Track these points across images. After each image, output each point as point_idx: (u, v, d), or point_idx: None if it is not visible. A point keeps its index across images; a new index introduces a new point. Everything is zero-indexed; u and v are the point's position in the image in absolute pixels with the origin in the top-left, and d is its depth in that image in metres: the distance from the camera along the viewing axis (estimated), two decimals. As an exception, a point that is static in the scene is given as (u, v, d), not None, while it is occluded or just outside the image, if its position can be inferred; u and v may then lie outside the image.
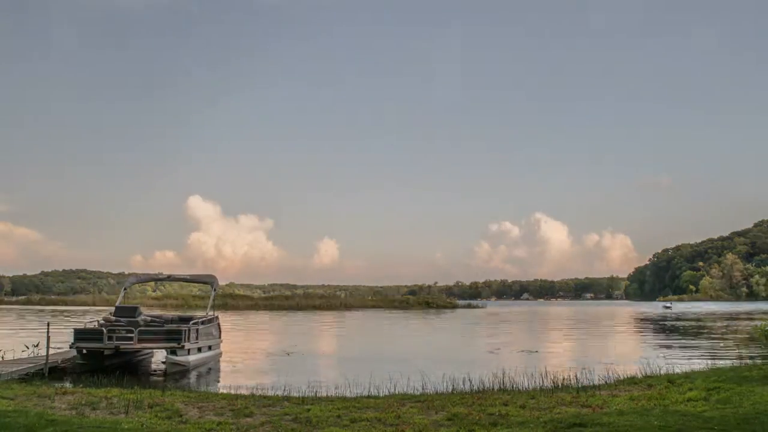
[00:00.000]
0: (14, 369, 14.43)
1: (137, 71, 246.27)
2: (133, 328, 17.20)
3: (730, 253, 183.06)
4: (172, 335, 17.40)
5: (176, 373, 16.63)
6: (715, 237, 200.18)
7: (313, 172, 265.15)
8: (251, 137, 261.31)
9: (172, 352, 17.20)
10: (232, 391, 11.89)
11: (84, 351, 16.95)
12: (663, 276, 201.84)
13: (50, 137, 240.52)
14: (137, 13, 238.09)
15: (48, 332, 15.45)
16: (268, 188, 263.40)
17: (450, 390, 11.48)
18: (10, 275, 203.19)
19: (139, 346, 17.37)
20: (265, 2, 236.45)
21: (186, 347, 17.31)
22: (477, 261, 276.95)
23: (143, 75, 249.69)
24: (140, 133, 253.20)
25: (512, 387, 11.65)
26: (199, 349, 18.54)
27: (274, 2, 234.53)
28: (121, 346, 17.04)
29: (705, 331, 37.30)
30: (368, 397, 10.69)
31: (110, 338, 16.94)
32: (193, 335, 17.93)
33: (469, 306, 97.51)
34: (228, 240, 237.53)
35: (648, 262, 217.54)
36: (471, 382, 11.97)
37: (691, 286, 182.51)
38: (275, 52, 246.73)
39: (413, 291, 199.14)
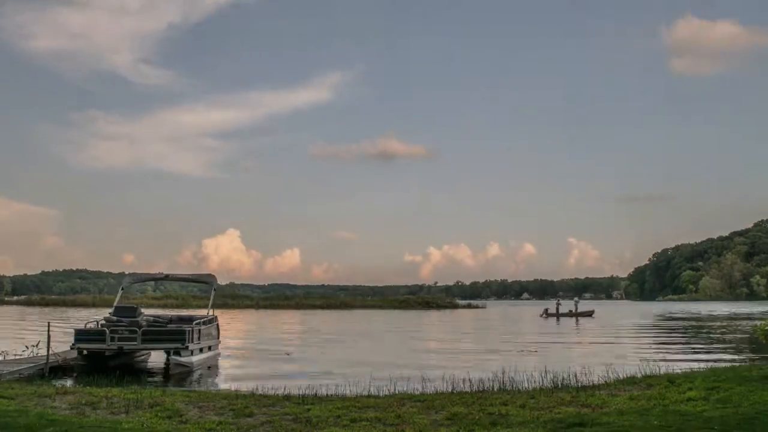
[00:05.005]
0: (14, 369, 14.45)
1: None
2: (136, 329, 17.10)
3: (730, 253, 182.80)
4: (176, 336, 17.28)
5: (179, 374, 16.55)
6: (715, 237, 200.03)
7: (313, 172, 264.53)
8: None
9: (176, 352, 17.12)
10: (233, 391, 11.89)
11: (84, 352, 16.91)
12: (663, 276, 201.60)
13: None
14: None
15: (48, 332, 15.46)
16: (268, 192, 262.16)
17: (450, 390, 11.46)
18: (11, 275, 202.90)
19: (142, 346, 17.31)
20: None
21: (190, 348, 17.27)
22: (477, 260, 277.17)
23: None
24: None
25: (512, 387, 11.63)
26: (201, 350, 18.52)
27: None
28: (125, 347, 16.98)
29: (705, 330, 37.33)
30: (368, 396, 10.68)
31: (113, 339, 16.85)
32: (195, 336, 17.91)
33: (470, 306, 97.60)
34: (228, 240, 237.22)
35: (648, 262, 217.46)
36: (471, 382, 11.96)
37: (690, 286, 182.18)
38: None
39: (413, 291, 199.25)
